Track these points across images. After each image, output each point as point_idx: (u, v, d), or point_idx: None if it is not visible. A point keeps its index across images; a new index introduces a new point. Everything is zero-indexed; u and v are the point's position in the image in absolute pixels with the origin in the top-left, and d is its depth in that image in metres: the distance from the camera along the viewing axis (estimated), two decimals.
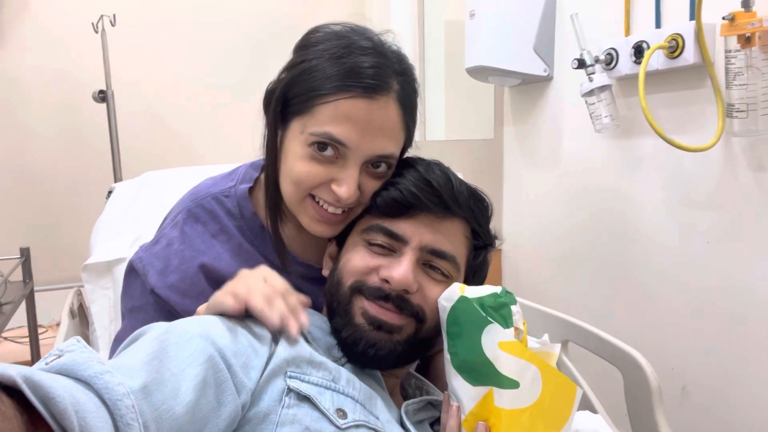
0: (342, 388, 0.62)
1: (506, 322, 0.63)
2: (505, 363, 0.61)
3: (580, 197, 1.55)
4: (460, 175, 2.14)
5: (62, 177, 2.17)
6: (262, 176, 0.82)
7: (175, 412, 0.49)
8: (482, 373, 0.62)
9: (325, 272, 0.78)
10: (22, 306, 1.63)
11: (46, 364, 0.46)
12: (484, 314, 0.63)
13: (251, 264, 0.79)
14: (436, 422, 0.73)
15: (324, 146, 0.69)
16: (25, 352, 1.77)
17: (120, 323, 0.87)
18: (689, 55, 1.16)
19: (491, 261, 0.80)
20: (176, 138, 2.28)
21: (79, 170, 2.17)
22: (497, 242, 1.92)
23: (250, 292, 0.63)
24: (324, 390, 0.60)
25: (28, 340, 1.72)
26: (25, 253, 1.66)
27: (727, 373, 1.22)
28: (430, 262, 0.70)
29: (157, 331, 0.58)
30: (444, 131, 2.22)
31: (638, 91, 1.17)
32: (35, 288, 1.70)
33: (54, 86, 2.13)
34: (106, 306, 1.16)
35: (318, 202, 0.72)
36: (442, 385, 0.82)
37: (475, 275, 0.76)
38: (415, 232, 0.69)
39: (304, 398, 0.59)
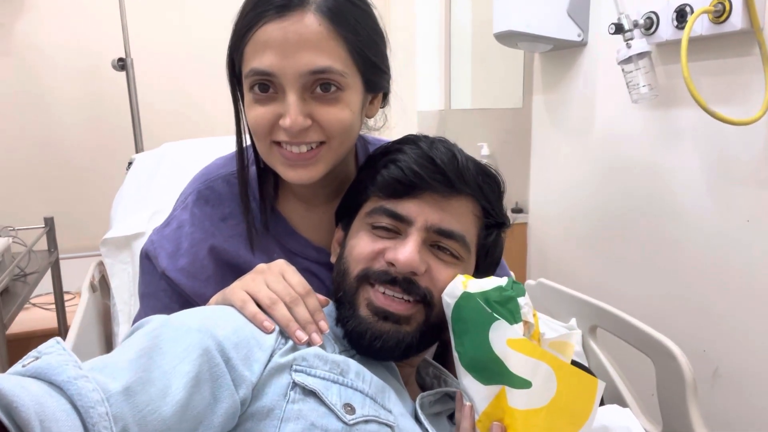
0: (350, 381, 0.59)
1: (514, 317, 0.60)
2: (515, 362, 0.58)
3: (613, 171, 1.49)
4: (485, 146, 2.08)
5: (84, 146, 2.17)
6: None
7: (162, 413, 0.47)
8: (493, 371, 0.59)
9: (333, 259, 0.75)
10: (49, 272, 1.65)
11: (23, 366, 0.45)
12: (490, 310, 0.59)
13: (262, 246, 0.77)
14: (454, 414, 0.70)
15: (262, 86, 0.67)
16: (52, 318, 1.80)
17: None
18: (736, 21, 1.08)
19: (505, 240, 0.76)
20: (196, 106, 2.25)
21: (101, 138, 2.17)
22: (523, 216, 1.88)
23: (271, 299, 0.62)
24: (331, 384, 0.58)
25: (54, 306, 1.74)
26: (49, 223, 1.67)
27: (762, 357, 1.17)
28: (438, 242, 0.66)
29: (152, 324, 0.56)
30: (470, 99, 2.15)
31: (680, 58, 1.09)
32: (61, 256, 1.72)
33: (74, 54, 2.10)
34: (125, 280, 1.16)
35: (282, 146, 0.70)
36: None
37: (487, 255, 0.72)
38: (420, 212, 0.65)
39: (310, 393, 0.56)
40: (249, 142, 0.77)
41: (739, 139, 1.16)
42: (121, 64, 1.84)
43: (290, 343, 0.60)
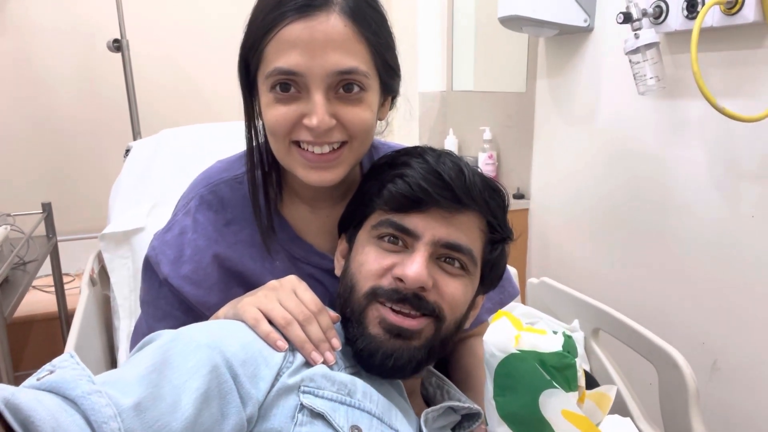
0: (358, 402, 0.59)
1: (570, 385, 0.58)
2: (566, 431, 0.56)
3: (617, 160, 1.47)
4: (487, 130, 2.04)
5: (80, 129, 2.14)
6: None
7: (172, 429, 0.48)
8: (535, 428, 0.58)
9: (338, 272, 0.74)
10: (48, 257, 1.64)
11: (38, 380, 0.46)
12: (548, 377, 0.57)
13: (267, 253, 0.76)
14: (458, 426, 0.70)
15: (284, 86, 0.66)
16: (51, 301, 1.80)
17: None
18: (749, 12, 1.05)
19: (509, 253, 0.75)
20: (195, 90, 2.21)
21: (98, 122, 2.13)
22: (524, 201, 1.86)
23: (286, 318, 0.62)
24: (338, 405, 0.58)
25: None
26: (47, 209, 1.66)
27: (760, 350, 1.17)
28: (446, 255, 0.66)
29: (162, 339, 0.56)
30: (472, 81, 2.11)
31: (689, 49, 1.07)
32: (58, 239, 1.71)
33: (69, 35, 2.05)
34: (125, 275, 1.14)
35: (303, 147, 0.68)
36: (462, 381, 0.80)
37: (492, 269, 0.72)
38: (427, 226, 0.64)
39: (318, 415, 0.56)
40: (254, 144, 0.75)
41: (747, 133, 1.14)
42: (117, 45, 1.80)
43: (297, 361, 0.59)
